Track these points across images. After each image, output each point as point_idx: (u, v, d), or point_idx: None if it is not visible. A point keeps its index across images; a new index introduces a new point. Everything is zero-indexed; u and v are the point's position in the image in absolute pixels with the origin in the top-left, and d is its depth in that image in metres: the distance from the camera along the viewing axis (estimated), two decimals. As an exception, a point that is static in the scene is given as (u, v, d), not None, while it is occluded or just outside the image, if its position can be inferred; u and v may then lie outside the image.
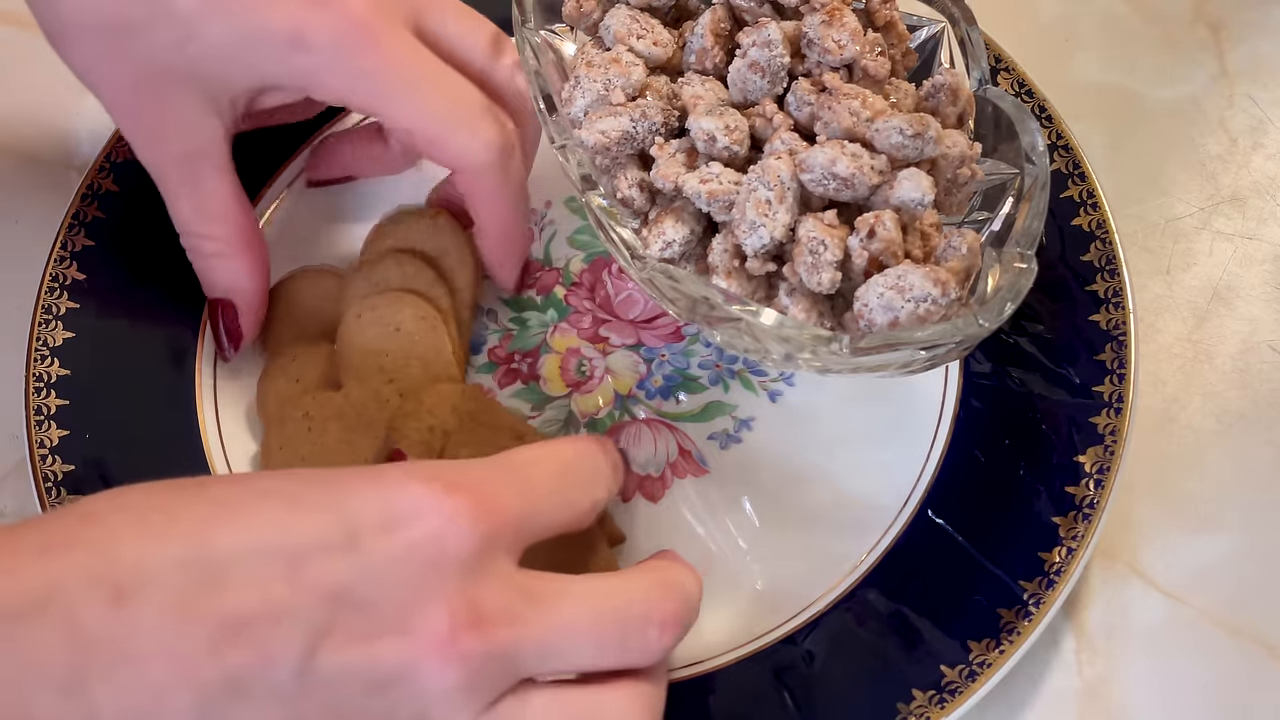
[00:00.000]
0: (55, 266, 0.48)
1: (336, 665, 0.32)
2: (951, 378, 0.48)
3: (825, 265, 0.40)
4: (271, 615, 0.31)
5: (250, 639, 0.31)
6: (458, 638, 0.32)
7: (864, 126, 0.41)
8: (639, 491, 0.46)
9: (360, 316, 0.47)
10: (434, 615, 0.32)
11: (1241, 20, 0.59)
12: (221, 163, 0.44)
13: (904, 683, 0.42)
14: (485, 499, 0.34)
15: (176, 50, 0.41)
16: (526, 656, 0.33)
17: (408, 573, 0.32)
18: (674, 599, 0.36)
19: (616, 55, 0.43)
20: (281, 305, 0.49)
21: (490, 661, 0.33)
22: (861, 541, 0.45)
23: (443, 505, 0.33)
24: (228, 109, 0.43)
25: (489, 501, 0.34)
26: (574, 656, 0.34)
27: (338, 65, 0.42)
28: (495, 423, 0.46)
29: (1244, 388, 0.50)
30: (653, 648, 0.35)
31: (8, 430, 0.48)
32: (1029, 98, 0.52)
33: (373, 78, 0.42)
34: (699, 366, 0.49)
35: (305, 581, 0.32)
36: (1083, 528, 0.44)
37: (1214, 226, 0.54)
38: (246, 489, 0.34)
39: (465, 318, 0.49)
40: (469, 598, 0.33)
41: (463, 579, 0.33)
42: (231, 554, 0.31)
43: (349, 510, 0.33)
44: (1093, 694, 0.44)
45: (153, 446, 0.46)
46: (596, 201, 0.42)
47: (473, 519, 0.33)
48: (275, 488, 0.33)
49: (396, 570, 0.32)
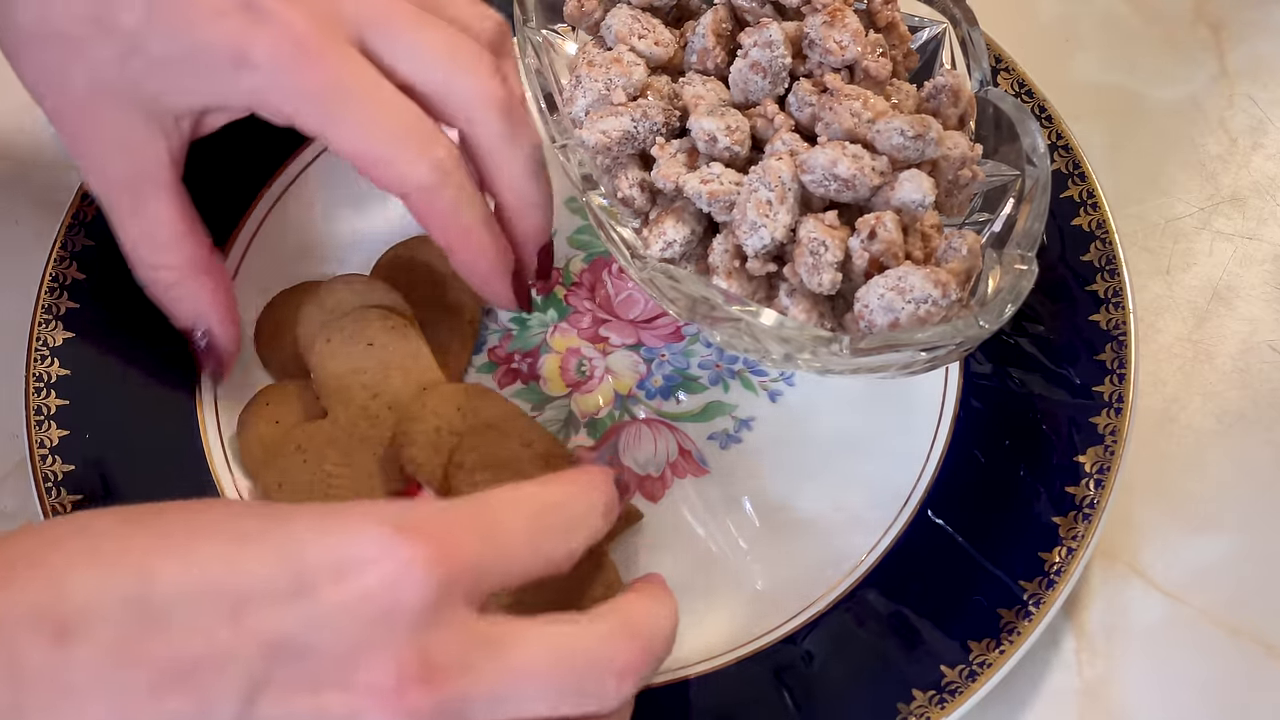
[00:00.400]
0: (55, 266, 0.48)
1: (277, 716, 0.31)
2: (952, 378, 0.48)
3: (826, 266, 0.40)
4: (213, 661, 0.31)
5: (190, 685, 0.30)
6: (404, 691, 0.31)
7: (865, 127, 0.41)
8: (639, 491, 0.46)
9: (330, 341, 0.47)
10: (379, 668, 0.31)
11: (1242, 20, 0.59)
12: (167, 185, 0.43)
13: (904, 683, 0.42)
14: (443, 545, 0.32)
15: (119, 66, 0.40)
16: (478, 707, 0.33)
17: (356, 623, 0.31)
18: (637, 645, 0.35)
19: (618, 55, 0.43)
20: (270, 325, 0.49)
21: (439, 715, 0.32)
22: (861, 541, 0.45)
23: (398, 551, 0.32)
24: (173, 129, 0.42)
25: (447, 547, 0.32)
26: (529, 705, 0.33)
27: (281, 84, 0.40)
28: (504, 426, 0.45)
29: (1244, 388, 0.50)
30: (610, 696, 0.34)
31: (8, 430, 0.48)
32: (1029, 98, 0.52)
33: (315, 98, 0.41)
34: (699, 366, 0.49)
35: (248, 628, 0.31)
36: (1083, 528, 0.44)
37: (1214, 226, 0.54)
38: (201, 522, 0.33)
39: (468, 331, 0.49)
40: (419, 649, 0.32)
41: (414, 630, 0.32)
42: (176, 595, 0.31)
43: (301, 553, 0.32)
44: (1093, 694, 0.44)
45: (153, 446, 0.46)
46: (597, 201, 0.42)
47: (427, 566, 0.32)
48: (229, 524, 0.33)
49: (344, 620, 0.31)
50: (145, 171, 0.42)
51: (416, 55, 0.43)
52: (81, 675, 0.30)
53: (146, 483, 0.45)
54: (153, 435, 0.46)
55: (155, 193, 0.43)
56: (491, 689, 0.33)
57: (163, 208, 0.43)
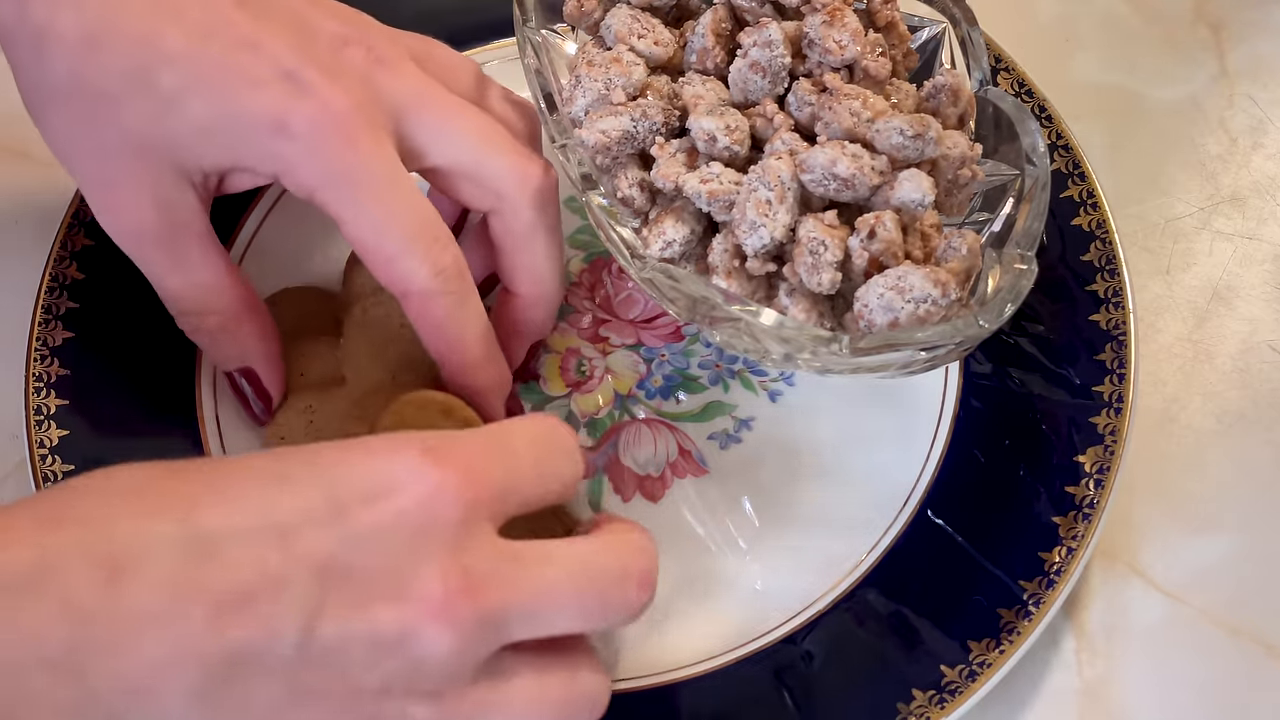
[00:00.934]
0: (55, 266, 0.48)
1: (336, 634, 0.32)
2: (951, 378, 0.48)
3: (825, 266, 0.40)
4: (269, 588, 0.31)
5: (250, 613, 0.31)
6: (452, 601, 0.33)
7: (865, 127, 0.41)
8: (639, 491, 0.46)
9: (367, 311, 0.47)
10: (427, 580, 0.33)
11: (1242, 20, 0.59)
12: (204, 233, 0.43)
13: (904, 683, 0.42)
14: (470, 469, 0.34)
15: (154, 123, 0.40)
16: (514, 620, 0.34)
17: (396, 541, 0.33)
18: (645, 557, 0.37)
19: (617, 55, 0.43)
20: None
21: (482, 626, 0.33)
22: (861, 541, 0.45)
23: (428, 475, 0.33)
24: (201, 184, 0.42)
25: (473, 472, 0.34)
26: (559, 619, 0.35)
27: (313, 158, 0.41)
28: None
29: (1244, 388, 0.50)
30: (633, 604, 0.36)
31: (8, 430, 0.48)
32: (1029, 98, 0.52)
33: (340, 179, 0.41)
34: (699, 366, 0.49)
35: (296, 553, 0.32)
36: (1083, 528, 0.44)
37: (1214, 226, 0.54)
38: (236, 468, 0.34)
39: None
40: (459, 563, 0.33)
41: (451, 546, 0.33)
42: (223, 531, 0.32)
43: (335, 483, 0.33)
44: (1093, 694, 0.44)
45: (153, 446, 0.46)
46: (597, 201, 0.42)
47: (458, 488, 0.33)
48: (263, 466, 0.34)
49: (385, 538, 0.33)
50: (181, 223, 0.42)
51: (450, 138, 0.43)
52: (138, 612, 0.31)
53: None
54: (153, 435, 0.46)
55: (194, 243, 0.43)
56: (526, 604, 0.34)
57: (204, 256, 0.43)
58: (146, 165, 0.41)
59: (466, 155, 0.43)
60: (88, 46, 0.40)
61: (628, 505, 0.46)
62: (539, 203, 0.44)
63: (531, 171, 0.44)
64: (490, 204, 0.44)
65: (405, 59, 0.44)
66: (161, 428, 0.46)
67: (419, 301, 0.42)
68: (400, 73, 0.43)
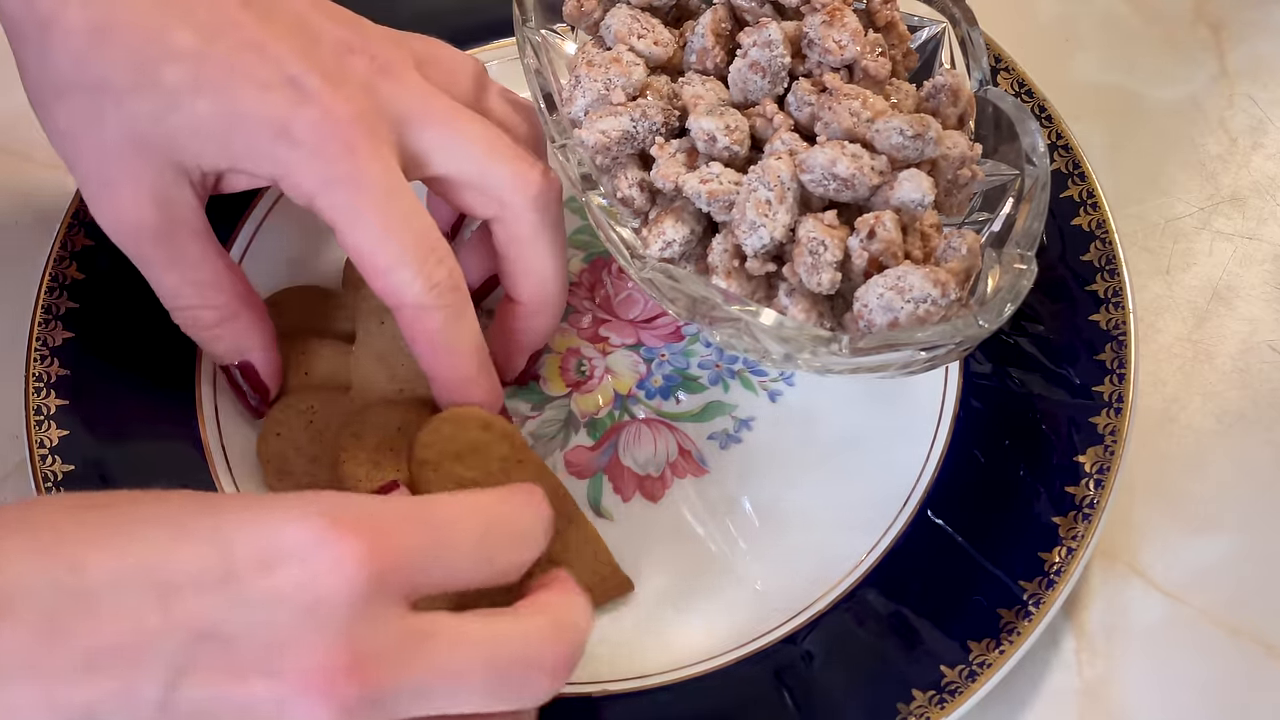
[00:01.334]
0: (55, 266, 0.48)
1: (203, 698, 0.31)
2: (951, 378, 0.48)
3: (825, 266, 0.40)
4: (138, 645, 0.31)
5: (115, 668, 0.31)
6: (332, 679, 0.31)
7: (864, 127, 0.41)
8: (639, 491, 0.46)
9: (384, 324, 0.47)
10: (307, 656, 0.31)
11: (1242, 20, 0.59)
12: (202, 230, 0.43)
13: (904, 683, 0.42)
14: (377, 540, 0.32)
15: (155, 120, 0.40)
16: (405, 699, 0.33)
17: (285, 612, 0.32)
18: (566, 643, 0.35)
19: (617, 55, 0.43)
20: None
21: (367, 704, 0.32)
22: (861, 541, 0.45)
23: (328, 545, 0.32)
24: (199, 182, 0.42)
25: (382, 543, 0.32)
26: (459, 701, 0.34)
27: (313, 164, 0.41)
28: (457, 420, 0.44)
29: (1244, 388, 0.50)
30: (539, 694, 0.35)
31: (8, 430, 0.48)
32: (1029, 98, 0.52)
33: (339, 187, 0.41)
34: (699, 366, 0.49)
35: (175, 614, 0.31)
36: (1083, 528, 0.44)
37: (1214, 226, 0.54)
38: (141, 512, 0.33)
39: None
40: (348, 640, 0.32)
41: (344, 622, 0.32)
42: (108, 582, 0.31)
43: (233, 544, 0.32)
44: (1093, 694, 0.44)
45: (153, 446, 0.46)
46: (596, 201, 0.42)
47: (359, 561, 0.32)
48: (167, 516, 0.33)
49: (273, 609, 0.32)
50: (180, 219, 0.42)
51: (453, 148, 0.43)
52: (8, 654, 0.30)
53: (146, 483, 0.45)
54: (153, 435, 0.46)
55: (192, 238, 0.43)
56: (421, 682, 0.33)
57: (201, 250, 0.43)
58: (146, 161, 0.41)
59: (470, 165, 0.43)
60: (93, 38, 0.40)
61: (628, 505, 0.46)
62: (541, 209, 0.44)
63: (534, 178, 0.43)
64: (493, 211, 0.44)
65: (408, 67, 0.44)
66: (161, 427, 0.46)
67: (412, 315, 0.42)
68: (403, 81, 0.43)
